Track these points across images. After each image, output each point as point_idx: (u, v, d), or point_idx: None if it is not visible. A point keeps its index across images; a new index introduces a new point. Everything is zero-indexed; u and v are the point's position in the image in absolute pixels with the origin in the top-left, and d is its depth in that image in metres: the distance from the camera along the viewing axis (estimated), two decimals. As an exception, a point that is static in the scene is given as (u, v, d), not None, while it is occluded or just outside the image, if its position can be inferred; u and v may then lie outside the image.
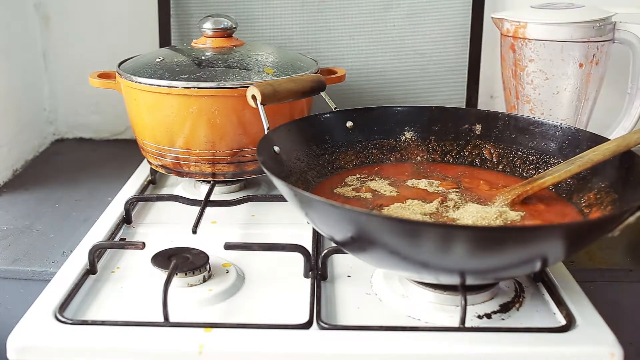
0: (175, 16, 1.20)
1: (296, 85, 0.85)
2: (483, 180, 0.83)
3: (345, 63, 1.21)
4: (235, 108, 0.87)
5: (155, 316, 0.66)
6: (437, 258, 0.61)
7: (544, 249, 0.60)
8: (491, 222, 0.71)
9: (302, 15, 1.20)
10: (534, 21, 0.99)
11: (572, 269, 0.77)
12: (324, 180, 0.83)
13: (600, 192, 0.74)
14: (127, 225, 0.88)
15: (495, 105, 1.26)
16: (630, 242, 0.91)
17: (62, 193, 1.06)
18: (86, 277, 0.74)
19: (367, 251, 0.66)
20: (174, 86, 0.87)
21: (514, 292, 0.72)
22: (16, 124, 1.16)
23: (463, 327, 0.64)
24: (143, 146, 0.96)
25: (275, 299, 0.72)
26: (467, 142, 0.88)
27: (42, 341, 0.64)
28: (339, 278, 0.75)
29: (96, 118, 1.31)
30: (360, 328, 0.65)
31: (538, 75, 1.01)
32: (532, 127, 0.85)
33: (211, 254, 0.75)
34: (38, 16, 1.24)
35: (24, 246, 0.89)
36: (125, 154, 1.21)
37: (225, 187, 0.98)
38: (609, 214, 0.69)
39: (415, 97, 1.23)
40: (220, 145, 0.90)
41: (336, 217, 0.62)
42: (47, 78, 1.28)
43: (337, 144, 0.87)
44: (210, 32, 0.96)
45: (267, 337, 0.64)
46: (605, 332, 0.64)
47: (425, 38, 1.21)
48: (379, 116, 0.89)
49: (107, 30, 1.25)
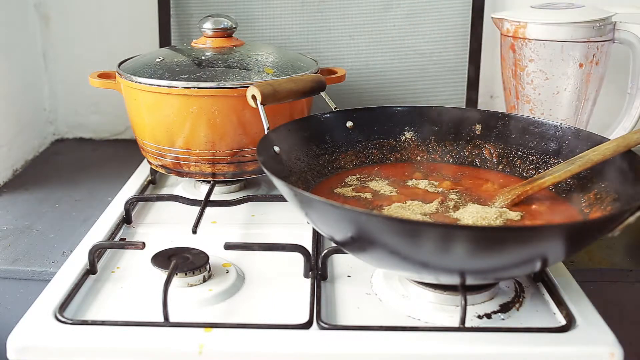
0: (175, 16, 1.20)
1: (296, 85, 0.85)
2: (483, 180, 0.83)
3: (345, 63, 1.21)
4: (235, 108, 0.87)
5: (155, 316, 0.66)
6: (437, 258, 0.61)
7: (544, 249, 0.60)
8: (491, 222, 0.71)
9: (302, 15, 1.20)
10: (534, 21, 0.99)
11: (572, 269, 0.77)
12: (324, 180, 0.83)
13: (600, 192, 0.74)
14: (127, 225, 0.88)
15: (495, 105, 1.26)
16: (630, 242, 0.91)
17: (62, 193, 1.06)
18: (86, 277, 0.74)
19: (367, 251, 0.66)
20: (174, 86, 0.87)
21: (514, 292, 0.72)
22: (16, 124, 1.16)
23: (463, 327, 0.64)
24: (143, 146, 0.96)
25: (275, 299, 0.71)
26: (467, 142, 0.88)
27: (42, 341, 0.64)
28: (339, 278, 0.75)
29: (96, 118, 1.31)
30: (360, 328, 0.65)
31: (538, 75, 1.01)
32: (532, 127, 0.85)
33: (211, 254, 0.75)
34: (38, 16, 1.24)
35: (24, 246, 0.89)
36: (125, 154, 1.21)
37: (225, 187, 0.98)
38: (609, 214, 0.69)
39: (415, 97, 1.23)
40: (220, 145, 0.90)
41: (336, 217, 0.62)
42: (47, 78, 1.28)
43: (337, 144, 0.87)
44: (210, 32, 0.96)
45: (267, 337, 0.64)
46: (605, 332, 0.64)
47: (425, 38, 1.21)
48: (379, 116, 0.89)
49: (107, 30, 1.25)
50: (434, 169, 0.87)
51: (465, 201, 0.78)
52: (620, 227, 0.62)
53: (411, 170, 0.87)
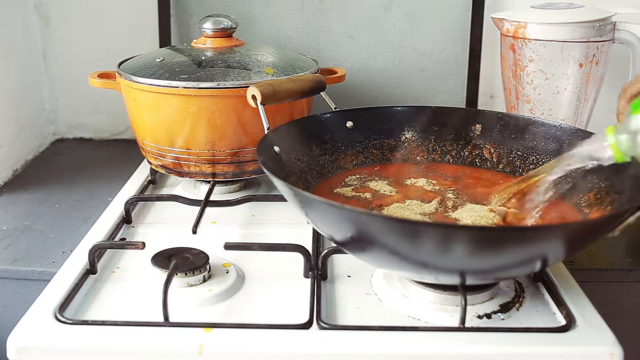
0: (175, 16, 1.20)
1: (296, 85, 0.85)
2: (483, 179, 0.83)
3: (345, 63, 1.21)
4: (235, 108, 0.87)
5: (155, 316, 0.66)
6: (437, 258, 0.61)
7: (544, 249, 0.60)
8: (489, 222, 0.71)
9: (302, 15, 1.20)
10: (534, 21, 0.99)
11: (572, 269, 0.77)
12: (323, 180, 0.83)
13: (600, 192, 0.74)
14: (127, 225, 0.88)
15: (495, 105, 1.26)
16: (630, 242, 0.91)
17: (62, 193, 1.06)
18: (86, 277, 0.74)
19: (367, 251, 0.66)
20: (174, 86, 0.87)
21: (514, 292, 0.72)
22: (16, 124, 1.16)
23: (463, 327, 0.64)
24: (143, 146, 0.96)
25: (275, 299, 0.71)
26: (467, 142, 0.88)
27: (42, 341, 0.64)
28: (339, 278, 0.75)
29: (96, 118, 1.31)
30: (360, 328, 0.65)
31: (538, 75, 1.01)
32: (532, 127, 0.85)
33: (211, 254, 0.75)
34: (38, 16, 1.24)
35: (24, 246, 0.89)
36: (125, 154, 1.21)
37: (225, 187, 0.98)
38: (609, 214, 0.69)
39: (415, 97, 1.23)
40: (220, 145, 0.90)
41: (336, 217, 0.62)
42: (47, 78, 1.28)
43: (337, 144, 0.87)
44: (210, 32, 0.96)
45: (267, 337, 0.64)
46: (605, 332, 0.64)
47: (425, 38, 1.21)
48: (379, 116, 0.89)
49: (107, 30, 1.25)
50: (433, 169, 0.87)
51: (464, 201, 0.78)
52: (620, 227, 0.62)
53: (411, 170, 0.87)
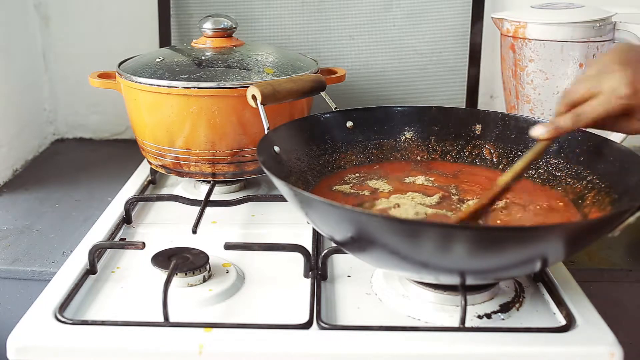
0: (175, 16, 1.20)
1: (296, 85, 0.85)
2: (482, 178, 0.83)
3: (345, 63, 1.21)
4: (235, 108, 0.87)
5: (155, 316, 0.66)
6: (437, 258, 0.61)
7: (543, 249, 0.60)
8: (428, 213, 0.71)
9: (302, 15, 1.20)
10: (534, 21, 0.99)
11: (572, 269, 0.77)
12: (323, 179, 0.83)
13: (600, 192, 0.74)
14: (127, 225, 0.88)
15: (495, 105, 1.26)
16: (630, 242, 0.91)
17: (62, 193, 1.06)
18: (86, 277, 0.74)
19: (367, 251, 0.66)
20: (174, 86, 0.87)
21: (514, 292, 0.72)
22: (16, 124, 1.16)
23: (463, 327, 0.64)
24: (143, 146, 0.96)
25: (275, 299, 0.71)
26: (467, 142, 0.88)
27: (42, 341, 0.64)
28: (339, 278, 0.75)
29: (96, 118, 1.31)
30: (360, 328, 0.65)
31: (538, 75, 1.01)
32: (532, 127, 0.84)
33: (211, 254, 0.75)
34: (38, 16, 1.24)
35: (24, 246, 0.89)
36: (125, 154, 1.21)
37: (225, 187, 0.98)
38: (609, 214, 0.69)
39: (415, 97, 1.23)
40: (220, 145, 0.89)
41: (336, 217, 0.62)
42: (47, 78, 1.28)
43: (337, 144, 0.87)
44: (210, 32, 0.96)
45: (267, 337, 0.64)
46: (605, 332, 0.64)
47: (425, 38, 1.21)
48: (379, 116, 0.89)
49: (107, 30, 1.25)
50: (433, 169, 0.87)
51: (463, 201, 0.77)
52: (620, 227, 0.62)
53: (411, 170, 0.86)
